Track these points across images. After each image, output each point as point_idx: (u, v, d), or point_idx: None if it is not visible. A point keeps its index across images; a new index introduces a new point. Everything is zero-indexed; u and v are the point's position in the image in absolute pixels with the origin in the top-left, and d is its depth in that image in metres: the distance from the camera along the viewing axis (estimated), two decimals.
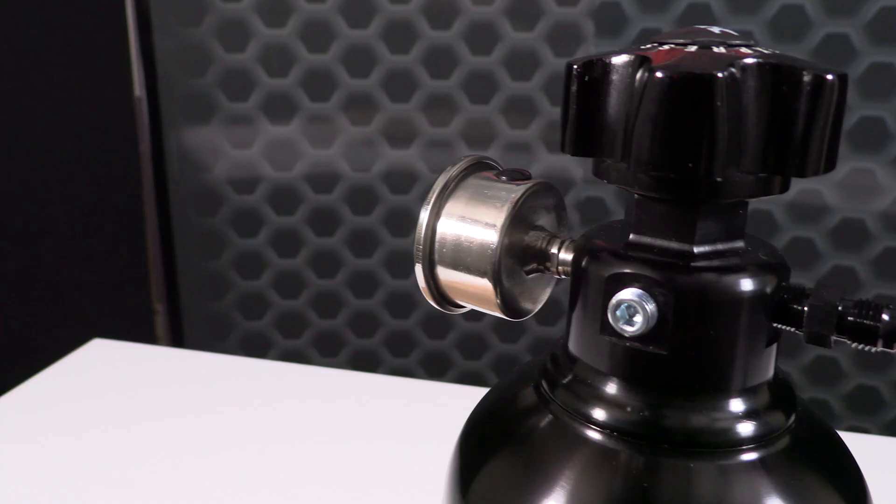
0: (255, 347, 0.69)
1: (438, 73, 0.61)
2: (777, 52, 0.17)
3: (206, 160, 0.64)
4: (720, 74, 0.16)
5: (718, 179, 0.16)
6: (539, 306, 0.22)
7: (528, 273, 0.21)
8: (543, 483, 0.18)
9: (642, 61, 0.17)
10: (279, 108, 0.63)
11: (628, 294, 0.18)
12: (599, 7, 0.57)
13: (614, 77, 0.17)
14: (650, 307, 0.17)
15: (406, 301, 0.66)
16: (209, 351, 0.59)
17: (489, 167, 0.22)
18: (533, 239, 0.21)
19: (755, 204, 0.58)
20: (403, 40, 0.60)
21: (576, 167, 0.61)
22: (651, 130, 0.16)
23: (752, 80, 0.16)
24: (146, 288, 0.69)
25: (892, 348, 0.17)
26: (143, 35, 0.62)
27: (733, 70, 0.16)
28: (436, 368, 0.68)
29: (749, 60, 0.16)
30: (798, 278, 0.59)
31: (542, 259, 0.21)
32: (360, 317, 0.67)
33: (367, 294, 0.67)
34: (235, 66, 0.62)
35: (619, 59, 0.17)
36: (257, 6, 0.60)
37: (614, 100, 0.17)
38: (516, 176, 0.21)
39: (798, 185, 0.57)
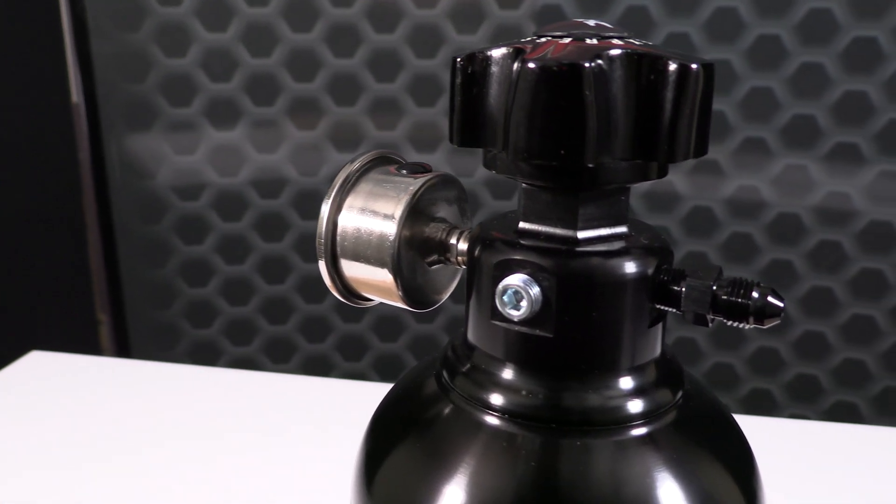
0: (204, 356, 0.68)
1: (383, 77, 0.61)
2: (650, 43, 0.18)
3: (148, 167, 0.63)
4: (587, 65, 0.16)
5: (590, 166, 0.17)
6: (445, 297, 0.23)
7: (431, 264, 0.21)
8: (445, 471, 0.19)
9: (518, 53, 0.17)
10: (223, 114, 0.62)
11: (514, 279, 0.18)
12: (541, 10, 0.58)
13: (494, 69, 0.18)
14: (534, 291, 0.18)
15: (356, 305, 0.66)
16: (156, 361, 0.58)
17: (392, 161, 0.22)
18: (433, 230, 0.21)
19: (696, 202, 0.60)
20: (347, 44, 0.60)
21: None
22: (525, 120, 0.17)
23: (620, 70, 0.17)
24: (89, 298, 0.67)
25: (762, 325, 0.18)
26: (79, 40, 0.61)
27: (600, 61, 0.17)
28: (389, 371, 0.68)
29: (616, 51, 0.17)
30: (738, 272, 0.60)
31: (443, 250, 0.21)
32: (311, 321, 0.67)
33: (318, 299, 0.66)
34: (176, 71, 0.61)
35: (498, 52, 0.18)
36: (197, 10, 0.59)
37: (494, 91, 0.18)
38: (417, 169, 0.21)
39: (736, 182, 0.59)
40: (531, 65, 0.17)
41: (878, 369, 0.61)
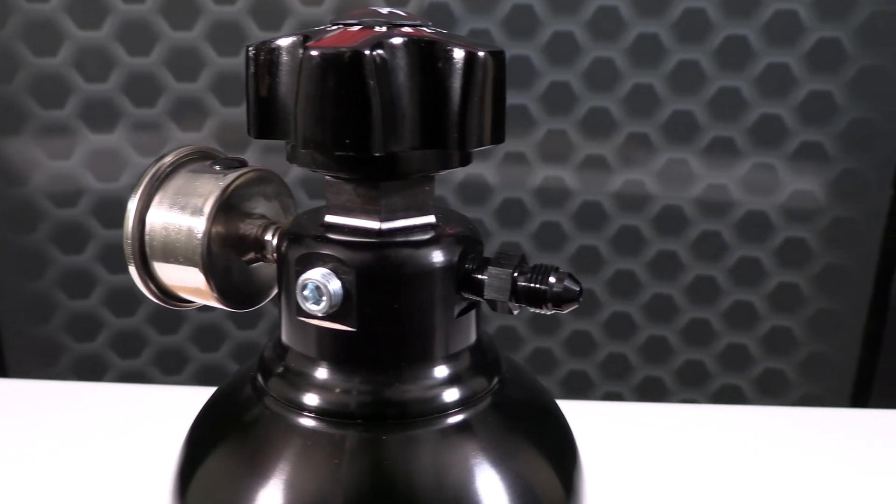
0: (89, 371, 0.64)
1: None
2: (444, 31, 0.17)
3: (19, 173, 0.59)
4: (368, 52, 0.16)
5: (377, 155, 0.17)
6: (270, 296, 0.22)
7: (249, 263, 0.21)
8: (260, 477, 0.18)
9: (304, 41, 0.17)
10: (100, 116, 0.59)
11: (313, 274, 0.18)
12: (429, 7, 0.58)
13: (284, 58, 0.17)
14: (334, 285, 0.18)
15: (253, 311, 0.64)
16: (37, 378, 0.55)
17: (211, 157, 0.21)
18: (248, 227, 0.20)
19: (585, 196, 0.61)
20: (231, 42, 0.58)
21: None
22: (310, 109, 0.17)
23: (405, 58, 0.17)
24: None
25: (561, 310, 0.18)
26: None
27: (381, 50, 0.16)
28: None
29: (400, 39, 0.17)
30: (626, 264, 0.62)
31: (259, 247, 0.20)
32: (204, 330, 0.65)
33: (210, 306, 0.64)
34: (47, 70, 0.57)
35: (286, 41, 0.17)
36: (68, 7, 0.56)
37: (284, 81, 0.17)
38: (231, 164, 0.20)
39: (623, 177, 0.61)
40: (313, 52, 0.16)
41: (758, 352, 0.64)
